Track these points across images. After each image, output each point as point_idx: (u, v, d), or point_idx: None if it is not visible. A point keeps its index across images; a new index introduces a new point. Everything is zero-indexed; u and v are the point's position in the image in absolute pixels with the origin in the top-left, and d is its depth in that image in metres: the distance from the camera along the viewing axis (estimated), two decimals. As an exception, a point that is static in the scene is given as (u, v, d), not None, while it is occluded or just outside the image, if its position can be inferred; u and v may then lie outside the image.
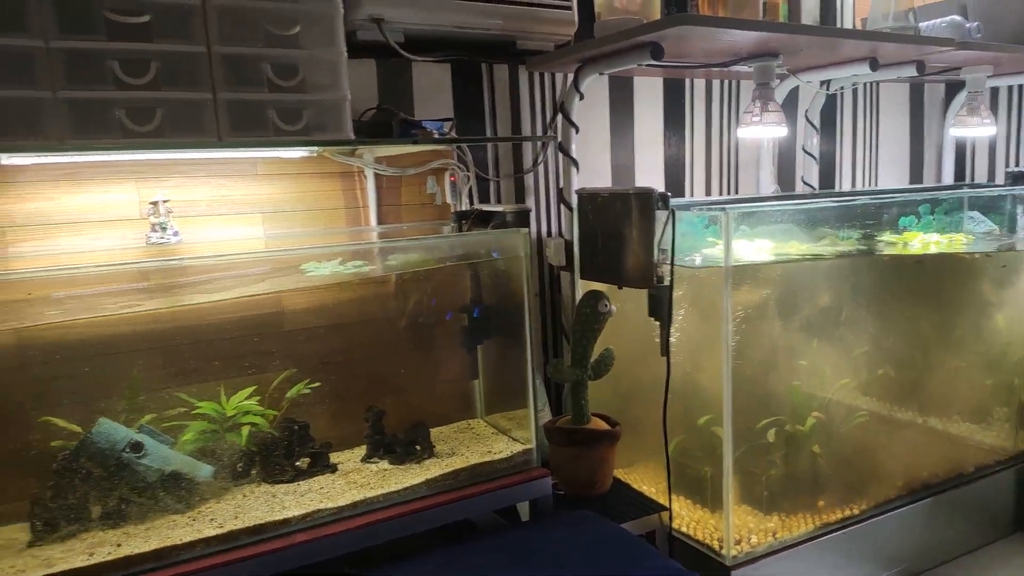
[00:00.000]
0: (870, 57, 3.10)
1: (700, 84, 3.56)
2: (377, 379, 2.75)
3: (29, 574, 1.88)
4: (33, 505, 2.07)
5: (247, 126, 2.07)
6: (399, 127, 2.40)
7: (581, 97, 2.93)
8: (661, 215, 2.53)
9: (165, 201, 2.31)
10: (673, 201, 2.52)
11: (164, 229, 2.28)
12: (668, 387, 2.62)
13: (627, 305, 2.80)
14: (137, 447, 2.13)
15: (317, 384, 2.52)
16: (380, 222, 2.81)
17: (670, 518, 2.74)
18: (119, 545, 2.01)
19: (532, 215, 3.20)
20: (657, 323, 2.68)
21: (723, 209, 2.47)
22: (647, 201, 2.52)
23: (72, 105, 1.87)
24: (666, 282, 2.55)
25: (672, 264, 2.50)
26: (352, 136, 2.21)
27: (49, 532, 2.06)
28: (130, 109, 1.93)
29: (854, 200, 3.02)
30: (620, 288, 2.72)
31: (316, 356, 2.63)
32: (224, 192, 2.53)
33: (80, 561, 1.93)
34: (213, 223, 2.53)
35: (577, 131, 2.99)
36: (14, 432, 2.23)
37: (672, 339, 2.63)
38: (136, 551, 1.98)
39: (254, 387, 2.41)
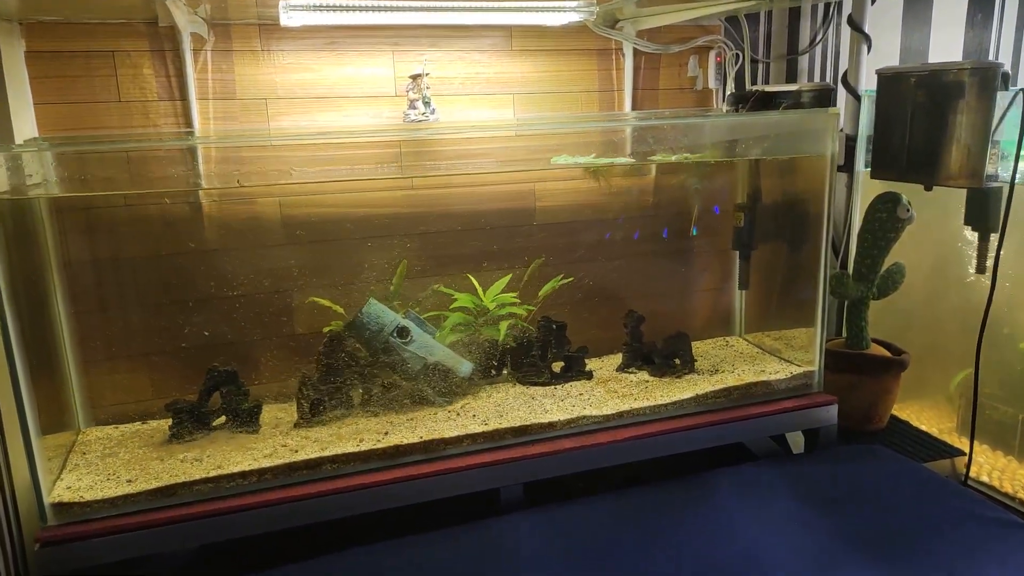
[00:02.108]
0: None
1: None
2: (630, 283, 2.50)
3: (302, 453, 1.83)
4: (301, 386, 2.02)
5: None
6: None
7: (886, -43, 2.41)
8: (1003, 98, 2.03)
9: (426, 74, 2.12)
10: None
11: (426, 104, 2.09)
12: (988, 313, 2.16)
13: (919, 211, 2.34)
14: (404, 332, 2.01)
15: (570, 279, 2.31)
16: (635, 108, 2.49)
17: (968, 464, 2.32)
18: (386, 433, 1.92)
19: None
20: (974, 233, 2.23)
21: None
22: (988, 78, 2.02)
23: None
24: (1000, 181, 2.07)
25: (1018, 158, 2.01)
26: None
27: (315, 414, 2.00)
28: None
29: None
30: (928, 189, 2.26)
31: (566, 252, 2.42)
32: (478, 69, 2.31)
33: (351, 446, 1.86)
34: (464, 103, 2.32)
35: (874, 1, 2.48)
36: (282, 309, 2.20)
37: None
38: (404, 441, 1.88)
39: (509, 276, 2.23)
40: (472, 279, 2.23)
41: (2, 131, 1.84)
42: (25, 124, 1.94)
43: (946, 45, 2.88)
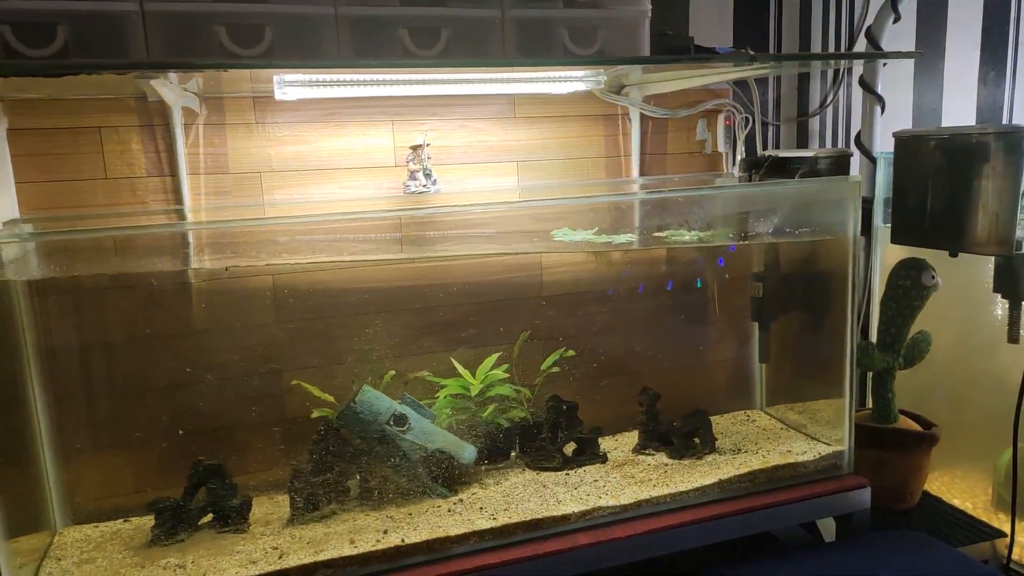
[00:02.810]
0: None
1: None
2: (641, 357, 2.38)
3: (294, 558, 1.68)
4: (293, 479, 1.87)
5: (535, 47, 1.73)
6: (693, 52, 1.98)
7: (897, 18, 2.35)
8: (1030, 161, 1.95)
9: (427, 144, 2.04)
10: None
11: (427, 176, 2.00)
12: (1025, 384, 2.04)
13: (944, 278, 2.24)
14: (401, 420, 1.87)
15: (571, 353, 2.19)
16: (643, 173, 2.41)
17: (1010, 546, 2.17)
18: (385, 532, 1.78)
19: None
20: (1004, 301, 2.12)
21: None
22: (1015, 142, 1.94)
23: (353, 24, 1.60)
24: (1030, 248, 1.97)
25: (1051, 224, 1.92)
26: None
27: (309, 510, 1.86)
28: (413, 29, 1.64)
29: None
30: (953, 255, 2.15)
31: (571, 327, 2.30)
32: (480, 137, 2.23)
33: (347, 548, 1.71)
34: (467, 172, 2.23)
35: (885, 63, 2.43)
36: (274, 393, 2.07)
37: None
38: (406, 541, 1.73)
39: (498, 354, 2.11)
40: (455, 362, 2.10)
41: (-20, 212, 1.74)
42: (5, 203, 1.84)
43: (960, 104, 2.82)
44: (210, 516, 1.86)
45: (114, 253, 1.68)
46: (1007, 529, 2.19)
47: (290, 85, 1.78)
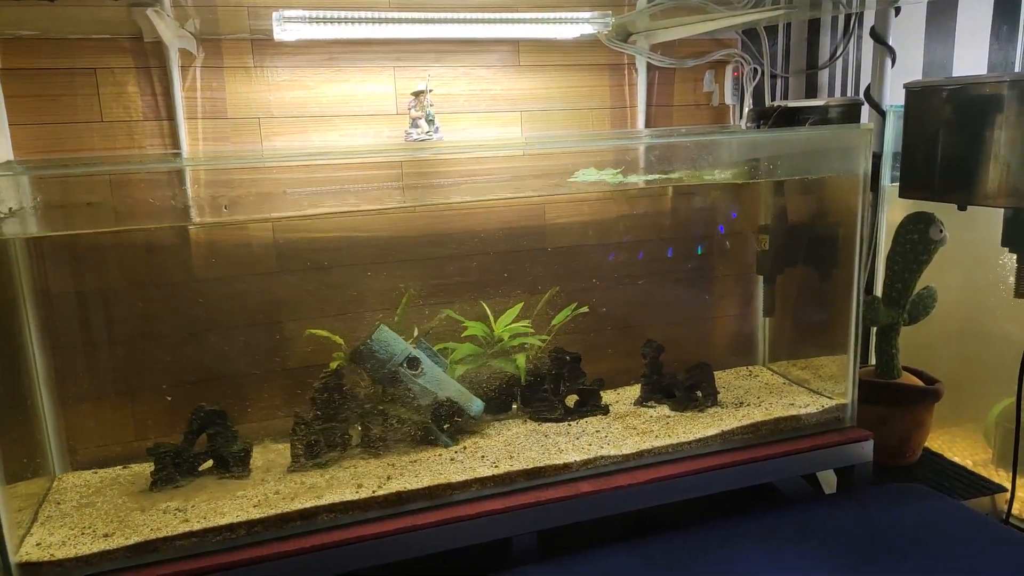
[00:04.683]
0: None
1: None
2: (645, 309, 2.36)
3: (296, 502, 1.67)
4: (295, 426, 1.86)
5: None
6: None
7: (911, -33, 2.30)
8: (1043, 111, 1.91)
9: (430, 91, 2.00)
10: None
11: (430, 123, 1.96)
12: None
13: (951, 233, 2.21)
14: (414, 363, 1.85)
15: (585, 308, 2.17)
16: (648, 125, 2.37)
17: (1010, 500, 2.17)
18: (388, 478, 1.77)
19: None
20: (1012, 255, 2.09)
21: None
22: (1029, 91, 1.90)
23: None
24: (1042, 200, 1.94)
25: (1063, 174, 1.88)
26: None
27: (311, 456, 1.85)
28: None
29: None
30: (963, 208, 2.13)
31: (578, 277, 2.28)
32: (484, 86, 2.18)
33: (349, 493, 1.70)
34: (469, 121, 2.19)
35: (898, 12, 2.37)
36: (276, 341, 2.05)
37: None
38: (408, 487, 1.72)
39: (521, 304, 2.09)
40: (485, 307, 2.08)
41: (-27, 154, 1.71)
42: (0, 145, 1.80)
43: (971, 58, 2.77)
44: (210, 463, 1.86)
45: (108, 195, 1.65)
46: (1007, 484, 2.19)
47: (289, 21, 1.73)
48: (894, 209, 2.44)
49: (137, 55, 1.90)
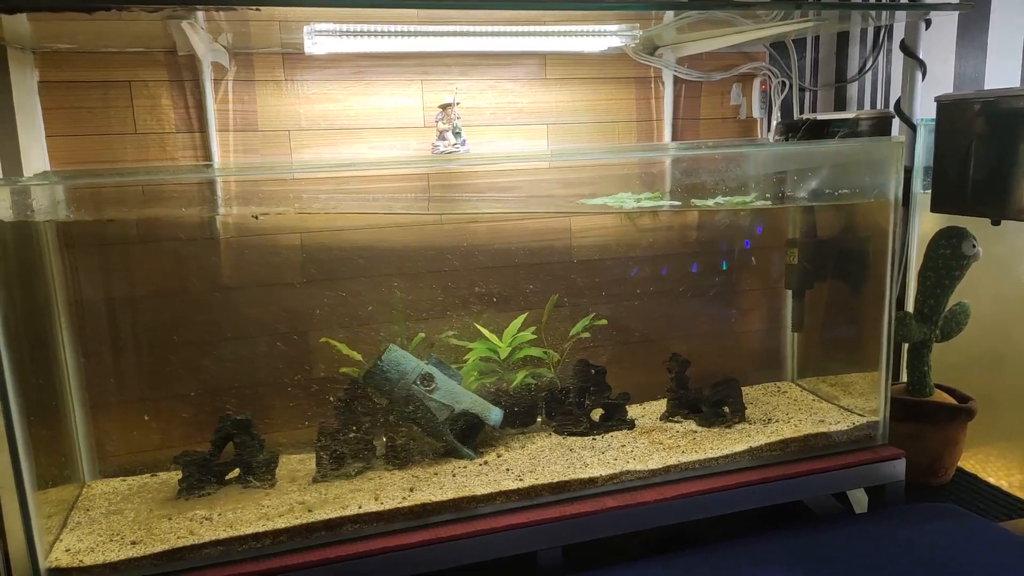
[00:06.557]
0: None
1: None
2: (669, 324, 2.35)
3: (320, 512, 1.67)
4: (319, 436, 1.87)
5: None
6: None
7: (942, -21, 2.27)
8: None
9: (457, 104, 2.01)
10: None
11: (456, 135, 1.97)
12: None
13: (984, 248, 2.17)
14: (427, 379, 1.86)
15: (602, 321, 2.15)
16: (675, 138, 2.36)
17: (1048, 524, 2.11)
18: (411, 489, 1.76)
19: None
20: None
21: None
22: (1066, 103, 1.87)
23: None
24: (1080, 215, 1.90)
25: (1102, 189, 1.85)
26: None
27: (335, 467, 1.85)
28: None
29: None
30: (995, 223, 2.09)
31: (605, 290, 2.27)
32: (510, 99, 2.19)
33: (373, 505, 1.70)
34: (496, 134, 2.20)
35: (928, 26, 2.35)
36: (302, 351, 2.06)
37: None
38: (432, 499, 1.72)
39: (524, 315, 2.08)
40: (480, 327, 2.08)
41: (11, 164, 1.74)
42: (36, 157, 1.84)
43: (1003, 70, 2.73)
44: (237, 472, 1.87)
45: (144, 203, 1.68)
46: (1046, 506, 2.13)
47: (320, 35, 1.75)
48: (925, 223, 2.40)
49: (171, 68, 1.94)
